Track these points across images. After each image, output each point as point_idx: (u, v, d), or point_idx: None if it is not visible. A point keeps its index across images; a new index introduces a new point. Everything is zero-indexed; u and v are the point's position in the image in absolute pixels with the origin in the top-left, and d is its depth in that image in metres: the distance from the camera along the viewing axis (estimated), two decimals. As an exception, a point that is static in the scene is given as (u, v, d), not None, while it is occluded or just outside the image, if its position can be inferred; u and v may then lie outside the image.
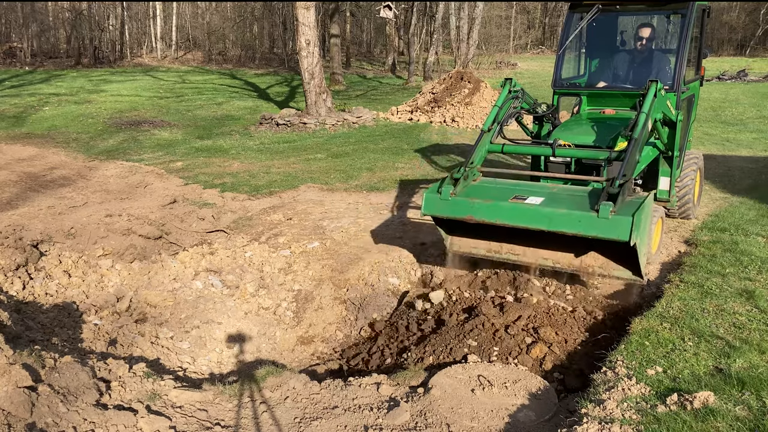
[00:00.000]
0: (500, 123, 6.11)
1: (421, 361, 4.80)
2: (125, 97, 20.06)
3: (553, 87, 6.98)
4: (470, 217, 5.29)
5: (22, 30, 32.99)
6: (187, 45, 39.98)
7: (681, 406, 3.47)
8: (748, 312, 4.77)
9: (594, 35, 7.08)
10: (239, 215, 8.30)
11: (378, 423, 3.78)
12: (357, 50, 42.63)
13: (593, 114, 6.83)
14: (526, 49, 44.92)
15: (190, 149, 12.66)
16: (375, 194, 9.28)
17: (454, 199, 5.39)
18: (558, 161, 6.21)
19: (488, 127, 6.06)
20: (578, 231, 4.82)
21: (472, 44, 27.39)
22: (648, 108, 5.42)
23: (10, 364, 3.65)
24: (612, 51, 7.14)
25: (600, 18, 6.66)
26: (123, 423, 3.60)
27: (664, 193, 6.79)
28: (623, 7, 6.75)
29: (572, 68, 7.28)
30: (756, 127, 14.57)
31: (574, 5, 6.86)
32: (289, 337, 5.94)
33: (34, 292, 5.85)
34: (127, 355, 5.07)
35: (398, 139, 13.70)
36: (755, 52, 39.54)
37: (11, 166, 10.80)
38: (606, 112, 6.77)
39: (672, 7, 6.50)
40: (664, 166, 6.73)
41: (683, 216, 7.33)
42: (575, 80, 7.21)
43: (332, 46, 26.20)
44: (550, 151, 5.89)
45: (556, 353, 4.68)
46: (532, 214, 5.02)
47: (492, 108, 6.20)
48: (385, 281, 6.56)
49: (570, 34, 6.80)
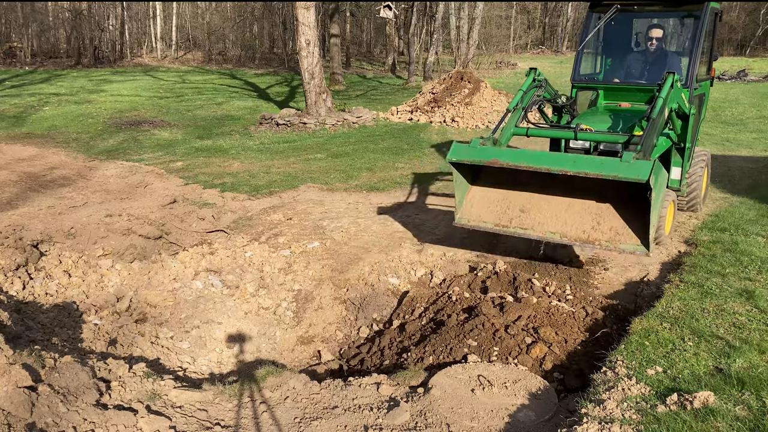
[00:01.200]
0: (524, 108, 6.41)
1: (421, 360, 4.80)
2: (125, 97, 20.06)
3: (573, 81, 7.31)
4: (495, 161, 5.45)
5: (22, 30, 33.00)
6: (187, 45, 39.98)
7: (681, 406, 3.47)
8: (748, 312, 4.77)
9: (611, 34, 7.40)
10: (239, 215, 8.30)
11: (378, 423, 3.78)
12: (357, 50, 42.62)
13: (610, 107, 7.15)
14: (526, 49, 44.90)
15: (190, 149, 12.66)
16: (375, 194, 9.28)
17: (481, 147, 5.60)
18: (578, 146, 6.42)
19: (513, 107, 6.31)
20: (600, 172, 5.00)
21: (472, 44, 27.38)
22: (666, 94, 5.65)
23: (10, 364, 3.65)
24: (627, 50, 7.48)
25: (617, 18, 7.01)
26: (123, 423, 3.60)
27: (675, 182, 7.10)
28: (640, 8, 7.06)
29: (589, 65, 7.63)
30: (756, 127, 14.57)
31: (594, 5, 7.18)
32: (289, 337, 5.95)
33: (34, 292, 5.85)
34: (127, 355, 5.07)
35: (398, 139, 13.70)
36: (755, 52, 39.53)
37: (11, 166, 10.81)
38: (622, 106, 7.07)
39: (687, 8, 6.83)
40: (676, 156, 7.01)
41: (691, 208, 7.57)
42: (592, 76, 7.55)
43: (332, 46, 26.20)
44: (572, 134, 6.11)
45: (556, 353, 4.68)
46: (557, 158, 5.29)
47: (517, 92, 6.50)
48: (385, 281, 6.56)
49: (589, 32, 7.15)
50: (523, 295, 5.57)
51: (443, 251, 6.93)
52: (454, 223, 6.07)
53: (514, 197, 5.87)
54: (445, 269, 6.61)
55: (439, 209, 8.45)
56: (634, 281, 6.05)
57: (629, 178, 4.87)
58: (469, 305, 5.57)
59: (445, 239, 7.32)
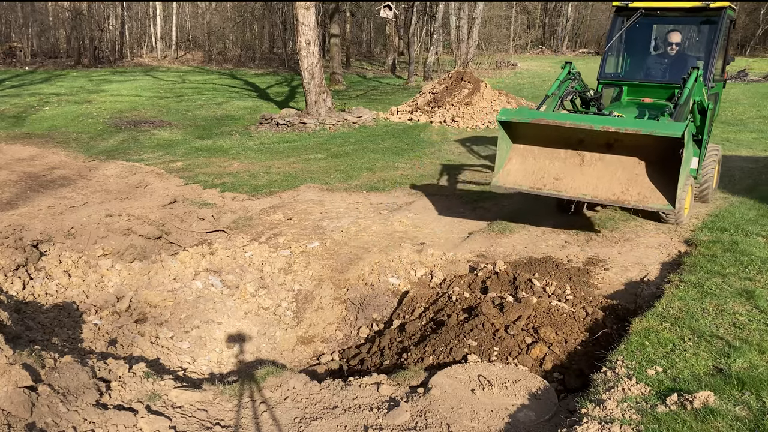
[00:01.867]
0: (561, 98, 7.13)
1: (421, 360, 4.80)
2: (125, 97, 20.06)
3: (599, 78, 8.08)
4: (541, 119, 6.10)
5: (22, 30, 32.98)
6: (187, 45, 39.95)
7: (681, 406, 3.47)
8: (748, 312, 4.77)
9: (632, 37, 8.12)
10: (239, 215, 8.30)
11: (378, 423, 3.78)
12: (357, 50, 42.58)
13: (633, 101, 7.86)
14: (526, 49, 44.86)
15: (190, 149, 12.66)
16: (375, 194, 9.28)
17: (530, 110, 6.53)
18: None
19: (552, 92, 7.06)
20: (639, 128, 5.70)
21: (472, 44, 27.37)
22: (691, 85, 6.46)
23: (10, 364, 3.65)
24: (647, 51, 8.27)
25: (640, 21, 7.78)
26: (123, 423, 3.60)
27: (693, 171, 7.66)
28: (662, 14, 7.82)
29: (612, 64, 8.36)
30: (756, 127, 14.57)
31: (620, 9, 7.90)
32: (289, 337, 5.95)
33: (34, 292, 5.85)
34: (127, 355, 5.07)
35: (398, 139, 13.70)
36: (755, 52, 39.52)
37: (11, 166, 10.81)
38: (645, 101, 7.75)
39: (706, 14, 7.53)
40: (695, 147, 7.54)
41: (702, 198, 8.12)
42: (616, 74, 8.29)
43: (332, 46, 26.19)
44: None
45: (556, 353, 4.68)
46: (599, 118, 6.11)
47: (554, 81, 7.26)
48: (385, 281, 6.56)
49: (614, 34, 7.89)
50: (523, 295, 5.57)
51: (443, 251, 6.93)
52: (490, 186, 6.68)
53: (549, 167, 6.42)
54: (445, 269, 6.61)
55: (439, 209, 8.45)
56: (634, 281, 6.05)
57: (666, 134, 5.54)
58: (469, 305, 5.57)
59: (445, 239, 7.32)
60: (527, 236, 7.25)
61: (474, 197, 8.99)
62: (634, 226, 7.46)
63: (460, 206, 8.63)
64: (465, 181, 10.04)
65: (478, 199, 8.90)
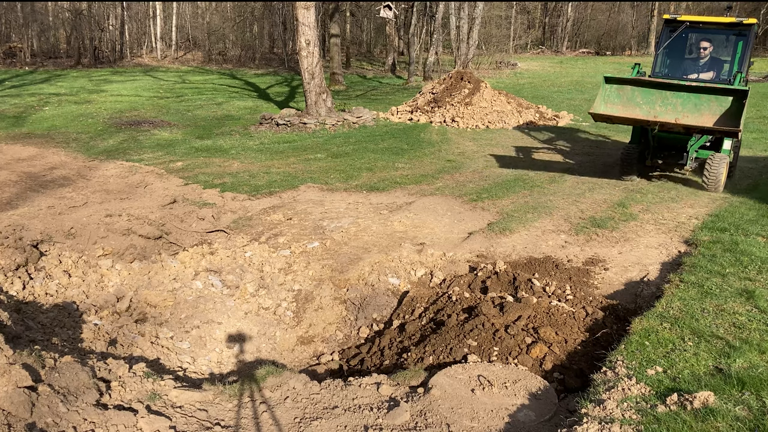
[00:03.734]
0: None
1: (421, 361, 4.80)
2: (125, 97, 20.06)
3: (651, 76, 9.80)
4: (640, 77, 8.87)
5: (22, 30, 32.98)
6: (187, 45, 39.95)
7: (681, 406, 3.47)
8: (748, 312, 4.77)
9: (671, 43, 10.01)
10: (239, 215, 8.30)
11: (378, 423, 3.78)
12: (357, 50, 42.58)
13: None
14: (526, 49, 44.85)
15: (190, 149, 12.66)
16: (375, 194, 9.28)
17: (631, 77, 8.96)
18: None
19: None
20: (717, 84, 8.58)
21: (472, 44, 27.36)
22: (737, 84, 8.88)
23: (10, 364, 3.65)
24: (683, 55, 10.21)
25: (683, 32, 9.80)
26: (123, 423, 3.60)
27: (726, 151, 9.20)
28: (704, 26, 9.76)
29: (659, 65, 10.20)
30: (756, 127, 14.57)
31: (669, 22, 9.91)
32: (289, 337, 5.95)
33: (34, 292, 5.85)
34: (127, 355, 5.08)
35: (398, 139, 13.70)
36: (755, 52, 39.36)
37: (11, 166, 10.81)
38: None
39: (739, 28, 9.55)
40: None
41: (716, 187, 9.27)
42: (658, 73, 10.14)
43: (332, 46, 26.20)
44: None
45: (556, 353, 4.68)
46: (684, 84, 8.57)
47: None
48: (385, 281, 6.56)
49: (664, 42, 9.92)
50: (523, 295, 5.57)
51: (443, 251, 6.93)
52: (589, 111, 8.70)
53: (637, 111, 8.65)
54: (445, 269, 6.61)
55: (438, 209, 8.45)
56: (634, 281, 6.05)
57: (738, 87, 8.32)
58: (469, 305, 5.57)
59: (445, 239, 7.32)
60: (527, 236, 7.26)
61: (474, 197, 8.99)
62: (634, 226, 7.46)
63: (460, 206, 8.63)
64: (465, 181, 10.05)
65: (478, 199, 8.90)
